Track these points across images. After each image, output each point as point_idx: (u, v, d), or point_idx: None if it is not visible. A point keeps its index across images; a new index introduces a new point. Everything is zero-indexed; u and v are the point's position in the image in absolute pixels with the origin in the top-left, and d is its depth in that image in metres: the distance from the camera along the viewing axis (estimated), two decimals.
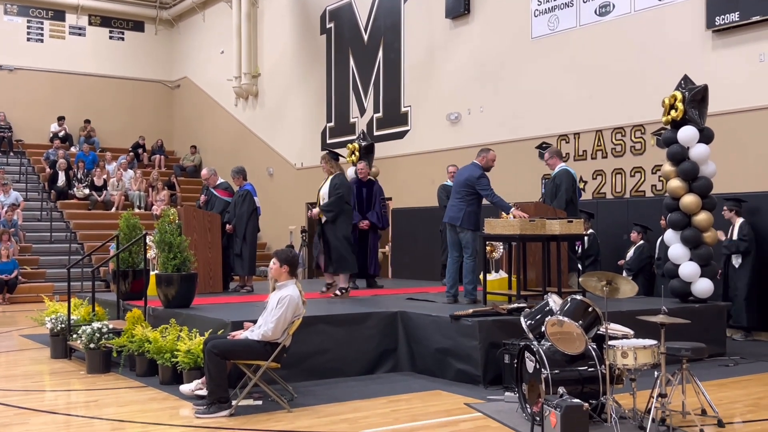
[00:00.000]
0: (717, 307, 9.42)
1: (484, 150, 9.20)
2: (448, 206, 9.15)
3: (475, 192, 8.89)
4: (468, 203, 8.97)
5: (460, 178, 9.10)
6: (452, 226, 9.02)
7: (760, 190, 10.72)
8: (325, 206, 9.93)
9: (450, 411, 6.54)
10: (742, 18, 10.86)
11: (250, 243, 10.96)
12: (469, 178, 9.00)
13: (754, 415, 6.31)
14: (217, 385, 6.39)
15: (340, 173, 10.20)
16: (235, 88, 22.07)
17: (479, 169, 9.00)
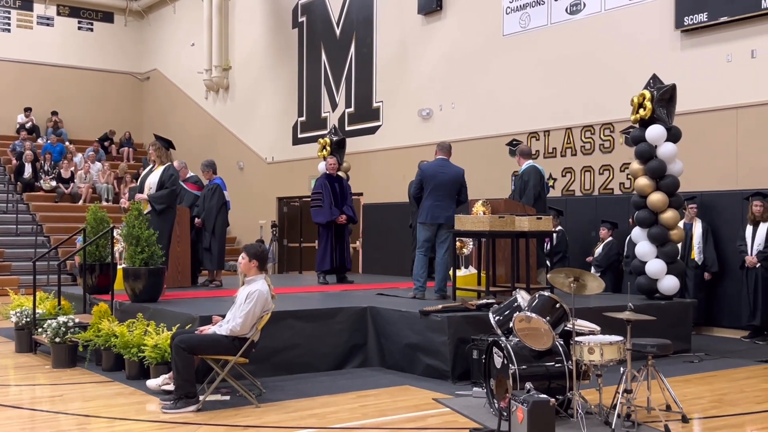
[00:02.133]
0: (682, 304, 9.55)
1: (447, 145, 9.29)
2: (433, 205, 9.03)
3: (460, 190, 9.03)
4: (455, 201, 9.06)
5: (447, 177, 9.07)
6: (438, 224, 9.03)
7: (724, 189, 10.88)
8: (156, 198, 9.36)
9: (418, 406, 6.56)
10: (711, 18, 11.00)
11: (219, 237, 10.90)
12: (459, 176, 9.09)
13: (717, 410, 6.41)
14: (184, 380, 6.34)
15: (171, 164, 9.79)
16: (205, 81, 21.91)
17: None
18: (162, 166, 9.63)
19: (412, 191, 9.27)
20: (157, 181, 9.49)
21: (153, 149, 9.84)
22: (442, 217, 9.03)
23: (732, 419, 6.12)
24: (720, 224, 10.88)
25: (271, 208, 19.51)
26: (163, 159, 9.70)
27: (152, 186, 9.51)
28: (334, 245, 11.41)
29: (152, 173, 9.65)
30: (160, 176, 9.50)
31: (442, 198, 9.03)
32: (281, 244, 19.01)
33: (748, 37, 10.72)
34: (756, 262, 10.11)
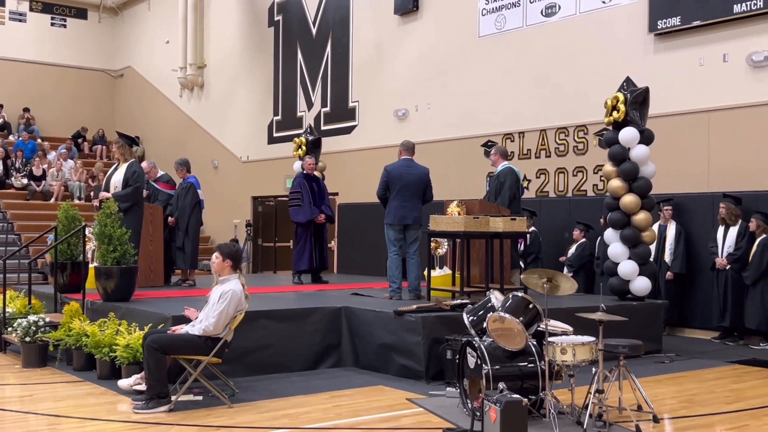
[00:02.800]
0: (654, 305, 9.64)
1: (411, 144, 9.34)
2: (400, 206, 9.04)
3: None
4: (421, 201, 9.11)
5: (413, 177, 9.09)
6: (407, 225, 9.05)
7: (695, 191, 11.00)
8: (120, 197, 9.24)
9: (392, 406, 6.56)
10: (684, 22, 11.12)
11: (193, 236, 10.83)
12: (425, 176, 9.13)
13: (688, 410, 6.47)
14: (156, 380, 6.30)
15: (134, 161, 9.71)
16: (180, 79, 21.76)
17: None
18: (126, 163, 9.54)
19: (378, 192, 9.27)
20: (121, 179, 9.41)
21: (116, 147, 9.78)
22: (410, 218, 9.05)
23: (702, 419, 6.18)
24: (692, 226, 11.00)
25: (245, 208, 19.42)
26: (126, 156, 9.62)
27: (117, 184, 9.43)
28: (313, 245, 11.38)
29: (117, 171, 9.57)
30: (125, 174, 9.43)
31: (409, 198, 9.05)
32: (256, 243, 18.92)
33: (720, 41, 10.85)
34: (726, 264, 10.23)
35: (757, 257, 9.88)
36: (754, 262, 9.90)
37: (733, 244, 10.22)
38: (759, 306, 9.84)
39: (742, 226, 10.19)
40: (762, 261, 9.83)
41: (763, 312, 9.80)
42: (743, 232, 10.16)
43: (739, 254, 10.11)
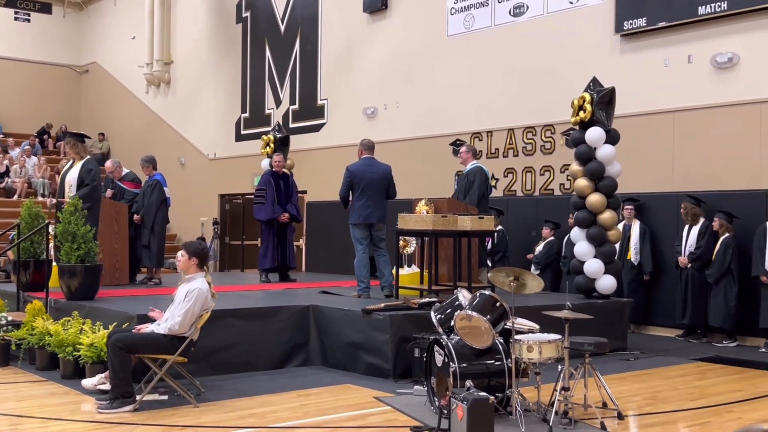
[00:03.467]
0: (619, 303, 9.74)
1: (372, 143, 9.37)
2: (365, 205, 9.03)
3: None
4: (385, 199, 9.11)
5: (376, 176, 9.10)
6: (372, 224, 9.05)
7: (660, 191, 11.14)
8: (81, 196, 8.94)
9: (359, 405, 6.56)
10: (649, 24, 11.24)
11: (159, 234, 10.72)
12: (387, 174, 9.14)
13: (652, 407, 6.55)
14: (120, 380, 6.22)
15: (90, 158, 9.52)
16: (146, 75, 21.52)
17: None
18: (81, 161, 9.38)
19: (341, 193, 9.26)
20: (76, 177, 9.24)
21: (68, 146, 9.59)
22: (375, 216, 9.06)
23: (665, 416, 6.26)
24: (656, 225, 11.14)
25: (212, 205, 19.27)
26: (81, 154, 9.44)
27: (72, 183, 9.25)
28: (276, 243, 11.34)
29: (72, 169, 9.40)
30: (79, 172, 9.25)
31: (373, 197, 9.05)
32: (223, 241, 18.80)
33: (685, 42, 10.99)
34: (687, 263, 10.38)
35: (720, 256, 10.03)
36: (717, 261, 10.04)
37: (695, 242, 10.37)
38: (722, 304, 9.99)
39: (703, 225, 10.34)
40: (725, 260, 9.98)
41: (726, 310, 9.95)
42: (704, 231, 10.30)
43: (699, 253, 10.26)
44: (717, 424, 6.00)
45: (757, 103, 10.25)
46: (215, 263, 18.00)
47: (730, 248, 9.96)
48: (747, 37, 10.39)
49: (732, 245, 9.97)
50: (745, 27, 10.40)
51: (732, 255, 9.95)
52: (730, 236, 10.03)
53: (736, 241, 10.00)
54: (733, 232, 10.04)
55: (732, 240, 10.00)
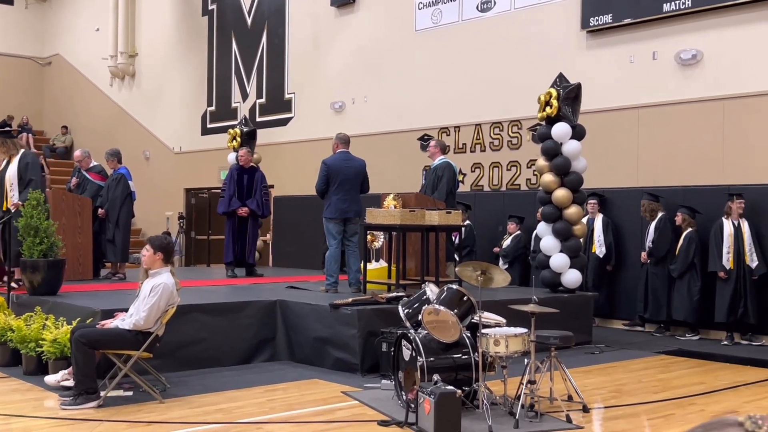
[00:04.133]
0: (584, 297, 9.84)
1: (347, 137, 9.36)
2: (341, 200, 9.02)
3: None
4: (359, 194, 9.12)
5: (352, 170, 9.09)
6: (347, 218, 9.04)
7: (625, 186, 11.26)
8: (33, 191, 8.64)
9: (327, 399, 6.54)
10: (615, 20, 11.35)
11: (124, 228, 10.59)
12: (363, 168, 9.14)
13: (617, 400, 6.62)
14: (84, 376, 6.14)
15: (24, 151, 9.26)
16: (110, 68, 21.23)
17: None
18: (16, 157, 9.14)
19: (318, 187, 9.22)
20: (15, 174, 9.03)
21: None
22: (351, 211, 9.04)
23: (630, 408, 6.33)
24: (621, 220, 11.26)
25: (178, 200, 19.10)
26: (12, 150, 9.16)
27: (12, 180, 9.02)
28: (236, 237, 11.32)
29: (9, 166, 9.15)
30: (17, 168, 9.04)
31: (349, 191, 9.04)
32: (189, 236, 18.63)
33: (649, 39, 11.11)
34: (646, 258, 10.55)
35: (684, 251, 10.17)
36: (681, 256, 10.19)
37: (653, 238, 10.56)
38: (685, 298, 10.13)
39: (659, 221, 10.51)
40: (688, 254, 10.13)
41: (690, 304, 10.10)
42: (660, 226, 10.48)
43: (653, 247, 10.44)
44: (680, 416, 6.08)
45: (719, 99, 10.40)
46: (181, 258, 17.84)
47: (693, 243, 10.11)
48: (710, 34, 10.53)
49: (695, 240, 10.11)
50: (709, 24, 10.55)
51: (695, 250, 10.10)
52: (692, 231, 10.17)
53: (699, 236, 10.15)
54: (695, 227, 10.19)
55: (695, 235, 10.14)
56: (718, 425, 0.83)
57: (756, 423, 0.82)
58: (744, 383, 7.35)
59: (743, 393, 6.98)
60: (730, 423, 0.83)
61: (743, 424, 0.82)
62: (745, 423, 0.82)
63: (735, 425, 0.82)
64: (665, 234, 10.40)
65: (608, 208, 11.37)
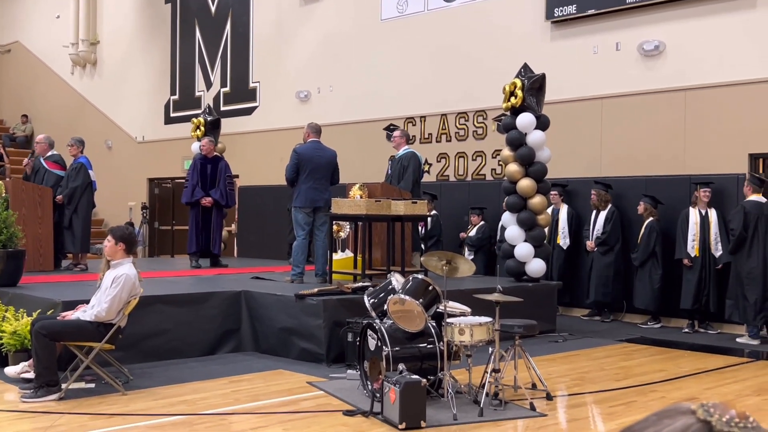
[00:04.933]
0: (548, 287, 9.93)
1: (318, 126, 9.33)
2: (311, 189, 8.98)
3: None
4: (329, 184, 9.10)
5: (323, 160, 9.05)
6: (317, 208, 9.01)
7: (588, 176, 11.36)
8: None
9: (292, 390, 6.52)
10: (579, 11, 11.42)
11: (83, 218, 10.42)
12: (333, 158, 9.11)
13: (579, 388, 6.70)
14: (45, 368, 6.05)
15: None
16: (71, 56, 20.86)
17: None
18: None
19: (288, 175, 9.18)
20: None
21: None
22: (321, 201, 9.01)
23: (593, 396, 6.41)
24: (585, 210, 11.36)
25: (141, 190, 18.87)
26: None
27: None
28: (199, 228, 11.23)
29: None
30: None
31: (319, 181, 9.01)
32: (152, 226, 18.42)
33: (613, 30, 11.20)
34: (594, 247, 10.69)
35: (645, 239, 10.31)
36: (642, 245, 10.33)
37: (602, 227, 10.71)
38: (647, 286, 10.28)
39: (609, 211, 10.69)
40: (649, 243, 10.26)
41: (651, 292, 10.24)
42: (610, 217, 10.68)
43: (604, 237, 10.63)
44: (642, 403, 6.17)
45: (681, 90, 10.53)
46: (144, 249, 17.65)
47: (654, 232, 10.25)
48: (672, 26, 10.65)
49: (656, 229, 10.25)
50: (671, 16, 10.66)
51: (656, 239, 10.24)
52: (654, 220, 10.31)
53: (660, 226, 10.29)
54: (657, 217, 10.33)
55: (656, 224, 10.28)
56: (672, 413, 0.84)
57: (708, 411, 0.82)
58: (704, 370, 7.48)
59: (704, 380, 7.10)
60: (683, 411, 0.83)
61: (695, 412, 0.83)
62: (697, 411, 0.83)
63: (688, 413, 0.83)
64: (617, 224, 10.63)
65: (571, 198, 11.46)
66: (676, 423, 0.82)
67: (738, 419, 0.81)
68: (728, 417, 0.81)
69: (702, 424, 0.81)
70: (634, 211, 10.55)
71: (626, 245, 10.72)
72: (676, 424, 0.82)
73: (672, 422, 0.82)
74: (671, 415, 0.83)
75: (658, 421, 0.83)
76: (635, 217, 10.60)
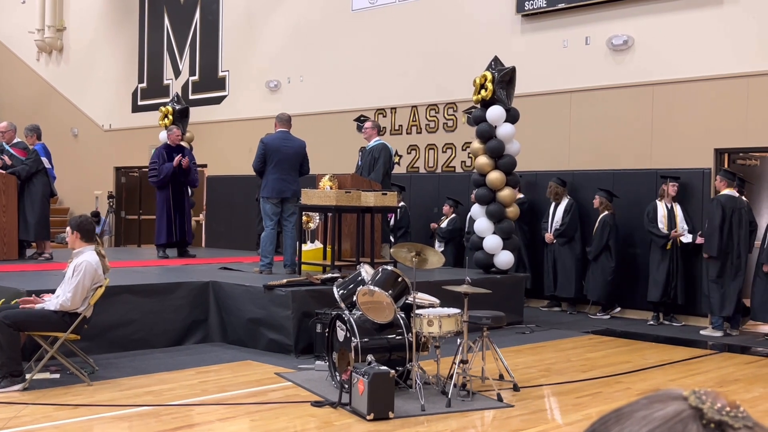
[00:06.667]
0: (516, 278, 10.00)
1: (287, 116, 9.30)
2: (278, 179, 8.94)
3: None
4: (298, 174, 9.06)
5: (291, 150, 9.02)
6: (285, 198, 8.97)
7: (556, 169, 11.44)
8: None
9: (260, 381, 6.50)
10: (549, 5, 11.47)
11: (39, 205, 10.17)
12: (302, 149, 9.09)
13: (546, 379, 6.76)
14: (8, 358, 5.96)
15: None
16: (37, 42, 20.51)
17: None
18: None
19: (255, 165, 9.14)
20: None
21: None
22: (288, 191, 8.98)
23: (559, 387, 6.47)
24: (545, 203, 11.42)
25: (107, 178, 18.63)
26: None
27: None
28: (173, 216, 11.04)
29: None
30: None
31: (287, 171, 8.97)
32: (119, 216, 18.22)
33: (582, 24, 11.27)
34: (553, 239, 10.82)
35: (599, 233, 10.47)
36: (596, 238, 10.50)
37: (560, 220, 10.85)
38: (599, 278, 10.45)
39: (567, 204, 10.86)
40: (603, 236, 10.42)
41: (604, 285, 10.42)
42: (569, 209, 10.84)
43: (563, 229, 10.79)
44: (607, 394, 6.24)
45: (649, 85, 10.63)
46: (111, 238, 17.45)
47: (608, 226, 10.42)
48: (641, 21, 10.74)
49: (610, 223, 10.42)
50: (640, 11, 10.76)
51: (609, 232, 10.39)
52: (609, 214, 10.47)
53: (615, 219, 10.45)
54: (612, 210, 10.48)
55: (610, 218, 10.44)
56: (663, 398, 0.84)
57: (700, 398, 0.83)
58: (670, 362, 7.58)
59: (669, 371, 7.20)
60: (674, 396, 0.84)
61: (687, 398, 0.83)
62: (689, 398, 0.83)
63: (679, 399, 0.83)
64: (575, 217, 10.80)
65: (539, 190, 11.53)
66: (667, 408, 0.82)
67: (729, 408, 0.81)
68: (720, 405, 0.81)
69: (693, 410, 0.81)
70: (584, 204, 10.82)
71: (588, 238, 10.84)
72: (667, 409, 0.82)
73: (663, 407, 0.82)
74: (662, 400, 0.83)
75: (649, 405, 0.83)
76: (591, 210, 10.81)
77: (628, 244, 10.58)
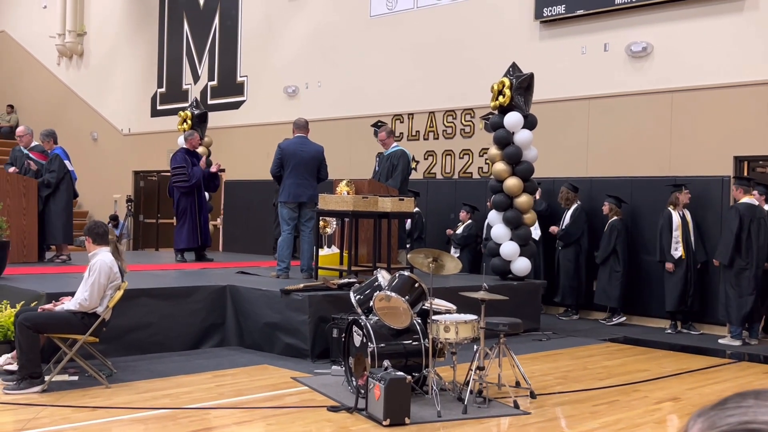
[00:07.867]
0: (533, 285, 9.97)
1: (304, 121, 9.32)
2: (295, 184, 8.97)
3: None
4: (316, 179, 9.08)
5: (307, 155, 9.04)
6: (303, 203, 9.00)
7: (575, 176, 11.40)
8: None
9: (276, 385, 6.52)
10: (568, 11, 11.45)
11: (63, 209, 10.28)
12: (319, 153, 9.10)
13: (563, 387, 6.73)
14: (28, 360, 6.01)
15: None
16: (58, 46, 20.71)
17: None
18: None
19: (272, 170, 9.18)
20: None
21: None
22: (305, 196, 9.00)
23: (575, 395, 6.44)
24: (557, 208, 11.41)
25: (126, 182, 18.77)
26: None
27: None
28: (196, 221, 11.00)
29: None
30: None
31: (304, 176, 8.99)
32: (137, 219, 18.34)
33: (601, 30, 11.24)
34: (557, 236, 10.96)
35: (606, 238, 10.46)
36: (604, 243, 10.49)
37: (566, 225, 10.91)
38: (607, 284, 10.43)
39: (575, 209, 10.87)
40: (610, 241, 10.40)
41: (611, 290, 10.41)
42: (575, 214, 10.86)
43: (563, 233, 10.86)
44: (624, 402, 6.21)
45: (668, 92, 10.58)
46: (129, 242, 17.56)
47: (615, 231, 10.41)
48: (660, 28, 10.70)
49: (617, 228, 10.39)
50: (659, 17, 10.72)
51: (617, 237, 10.36)
52: (617, 219, 10.46)
53: (624, 225, 10.44)
54: (621, 216, 10.47)
55: (619, 223, 10.43)
56: None
57: None
58: (687, 370, 7.53)
59: (686, 380, 7.16)
60: None
61: None
62: None
63: None
64: (578, 222, 10.83)
65: (554, 198, 11.49)
66: None
67: None
68: None
69: None
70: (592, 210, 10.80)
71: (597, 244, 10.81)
72: None
73: None
74: None
75: (761, 404, 0.81)
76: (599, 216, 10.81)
77: (645, 251, 10.52)
